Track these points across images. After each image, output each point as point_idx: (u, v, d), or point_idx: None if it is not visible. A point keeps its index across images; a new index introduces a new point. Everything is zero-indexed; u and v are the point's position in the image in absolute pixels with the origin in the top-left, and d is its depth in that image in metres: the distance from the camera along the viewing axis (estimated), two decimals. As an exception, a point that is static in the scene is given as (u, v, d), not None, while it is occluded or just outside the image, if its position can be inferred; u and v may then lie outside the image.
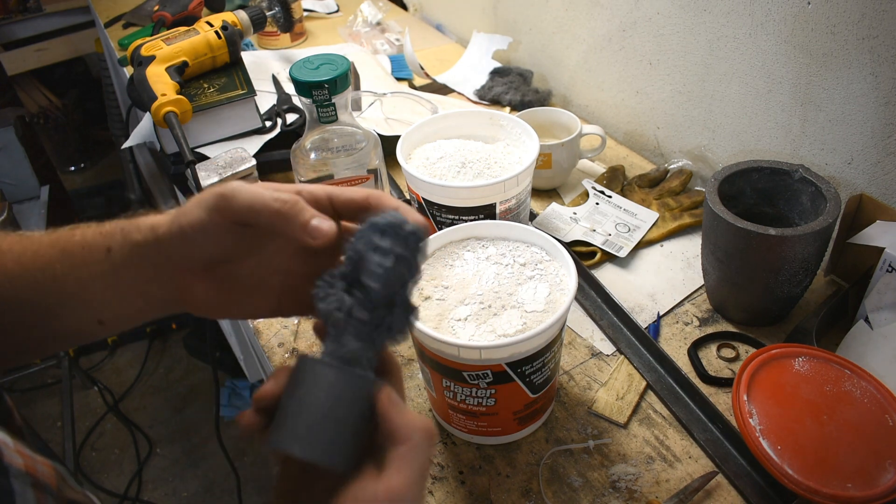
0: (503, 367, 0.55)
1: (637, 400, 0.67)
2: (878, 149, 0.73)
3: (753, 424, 0.57)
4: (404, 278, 0.37)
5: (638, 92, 1.04)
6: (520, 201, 0.75)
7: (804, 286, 0.70)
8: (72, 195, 2.56)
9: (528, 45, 1.26)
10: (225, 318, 0.49)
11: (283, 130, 1.00)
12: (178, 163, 0.95)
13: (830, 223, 0.64)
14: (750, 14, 0.81)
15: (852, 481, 0.52)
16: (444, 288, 0.60)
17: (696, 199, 0.90)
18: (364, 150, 0.76)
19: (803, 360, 0.61)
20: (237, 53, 1.06)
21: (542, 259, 0.62)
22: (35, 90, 2.61)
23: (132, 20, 1.51)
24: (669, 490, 0.59)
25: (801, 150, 0.81)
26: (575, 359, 0.72)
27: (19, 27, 2.42)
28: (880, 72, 0.69)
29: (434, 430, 0.37)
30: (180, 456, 1.82)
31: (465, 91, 1.22)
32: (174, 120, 0.88)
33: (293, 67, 0.72)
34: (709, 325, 0.75)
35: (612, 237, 0.85)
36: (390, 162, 0.82)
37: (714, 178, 0.71)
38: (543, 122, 0.97)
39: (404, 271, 0.37)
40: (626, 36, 1.01)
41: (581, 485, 0.60)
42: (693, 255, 0.84)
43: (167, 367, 2.09)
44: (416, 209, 0.77)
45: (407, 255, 0.37)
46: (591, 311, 0.77)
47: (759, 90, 0.83)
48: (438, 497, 0.60)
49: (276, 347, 0.75)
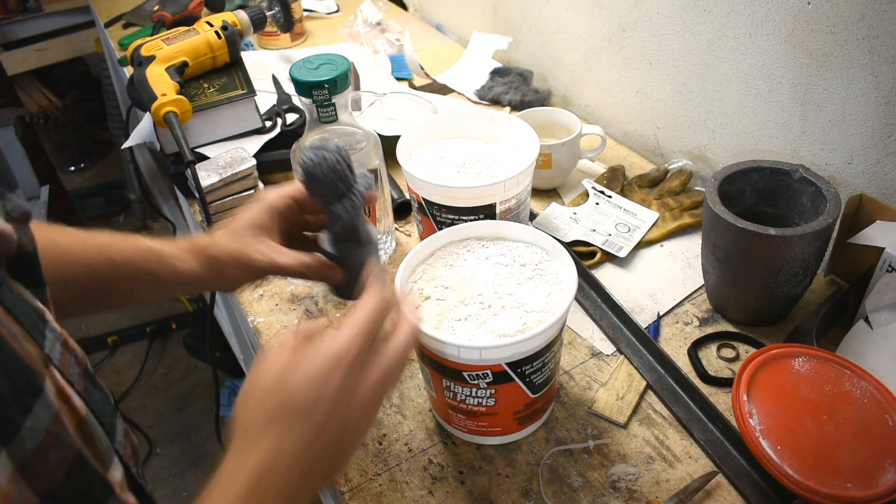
0: (503, 367, 0.55)
1: (637, 400, 0.67)
2: (878, 149, 0.73)
3: (753, 424, 0.57)
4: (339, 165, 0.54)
5: (638, 92, 1.04)
6: (520, 201, 0.75)
7: (804, 286, 0.70)
8: (72, 195, 2.56)
9: (528, 45, 1.26)
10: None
11: (283, 130, 1.00)
12: (178, 163, 0.95)
13: (830, 223, 0.64)
14: (750, 14, 0.81)
15: (852, 481, 0.52)
16: (444, 288, 0.60)
17: (696, 199, 0.90)
18: (364, 150, 0.76)
19: (803, 360, 0.61)
20: (237, 53, 1.06)
21: (542, 259, 0.62)
22: (35, 90, 2.61)
23: (132, 20, 1.51)
24: (669, 490, 0.59)
25: (801, 150, 0.81)
26: (575, 359, 0.72)
27: (19, 27, 2.42)
28: (880, 72, 0.69)
29: (385, 300, 0.46)
30: (180, 456, 1.82)
31: (465, 91, 1.22)
32: (174, 120, 0.88)
33: (293, 67, 0.72)
34: (709, 325, 0.75)
35: (612, 237, 0.85)
36: (390, 162, 0.82)
37: (714, 178, 0.71)
38: (543, 122, 0.97)
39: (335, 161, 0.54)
40: (626, 36, 1.01)
41: (581, 485, 0.60)
42: (693, 255, 0.84)
43: (167, 367, 2.09)
44: (416, 209, 0.77)
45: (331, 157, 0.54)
46: (591, 311, 0.77)
47: (759, 90, 0.83)
48: (438, 497, 0.60)
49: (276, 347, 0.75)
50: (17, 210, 0.38)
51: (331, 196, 0.55)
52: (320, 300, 0.81)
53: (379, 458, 0.63)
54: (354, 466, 0.62)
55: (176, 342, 2.15)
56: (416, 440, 0.65)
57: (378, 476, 0.62)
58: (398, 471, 0.62)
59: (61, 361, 0.39)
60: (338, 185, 0.54)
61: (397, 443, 0.64)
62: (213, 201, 0.87)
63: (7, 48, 2.41)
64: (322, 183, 0.53)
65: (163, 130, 0.94)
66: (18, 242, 0.38)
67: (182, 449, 1.84)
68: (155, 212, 1.61)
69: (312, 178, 0.53)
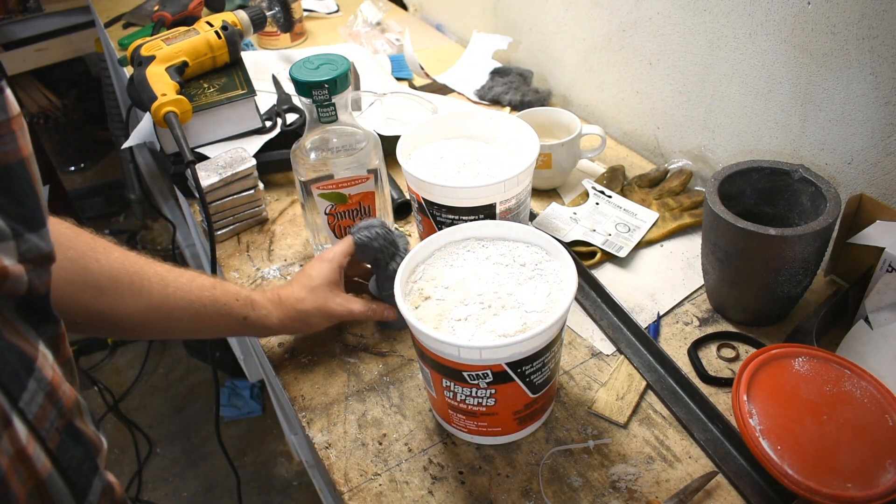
0: (503, 367, 0.55)
1: (637, 400, 0.67)
2: (878, 149, 0.73)
3: (753, 424, 0.57)
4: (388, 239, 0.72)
5: (638, 92, 1.04)
6: (520, 201, 0.75)
7: (804, 286, 0.70)
8: (72, 195, 2.56)
9: (528, 45, 1.26)
10: None
11: (283, 130, 1.00)
12: (178, 163, 0.95)
13: (830, 223, 0.64)
14: (750, 14, 0.81)
15: (852, 481, 0.52)
16: (444, 288, 0.60)
17: (696, 199, 0.90)
18: (364, 150, 0.76)
19: (803, 360, 0.61)
20: (237, 53, 1.06)
21: (542, 259, 0.62)
22: (35, 90, 2.61)
23: (132, 20, 1.51)
24: (669, 490, 0.59)
25: (801, 150, 0.81)
26: (575, 359, 0.72)
27: (19, 27, 2.41)
28: (880, 72, 0.69)
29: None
30: (180, 456, 1.82)
31: (465, 91, 1.22)
32: (174, 120, 0.88)
33: (293, 67, 0.72)
34: (709, 325, 0.75)
35: (612, 237, 0.85)
36: (390, 162, 0.82)
37: (714, 178, 0.71)
38: (543, 122, 0.97)
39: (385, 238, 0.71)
40: (626, 36, 1.01)
41: (581, 485, 0.60)
42: (693, 255, 0.84)
43: (167, 367, 2.09)
44: (416, 209, 0.77)
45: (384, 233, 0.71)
46: (591, 311, 0.77)
47: (759, 90, 0.83)
48: (438, 497, 0.60)
49: (276, 347, 0.75)
50: (33, 252, 0.37)
51: (383, 259, 0.71)
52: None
53: (379, 458, 0.63)
54: (354, 466, 0.62)
55: (176, 342, 2.15)
56: (416, 440, 0.65)
57: (378, 476, 0.62)
58: (398, 471, 0.62)
59: (37, 416, 0.38)
60: (389, 248, 0.70)
61: (397, 443, 0.64)
62: (213, 201, 0.87)
63: (7, 48, 2.41)
64: (377, 250, 0.70)
65: (163, 130, 0.94)
66: (30, 284, 0.37)
67: (182, 449, 1.84)
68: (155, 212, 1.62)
69: (370, 249, 0.70)
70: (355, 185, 0.77)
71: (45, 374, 0.39)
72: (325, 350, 0.75)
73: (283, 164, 0.98)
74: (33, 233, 0.37)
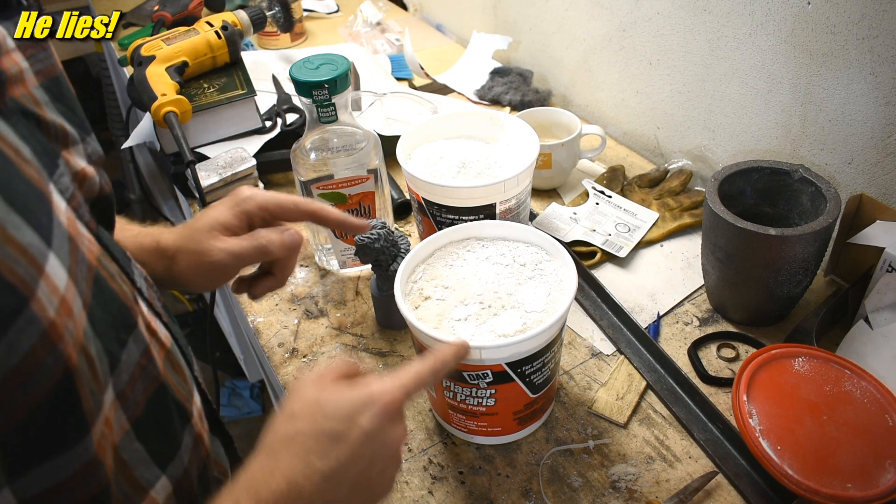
0: (503, 367, 0.55)
1: (637, 400, 0.67)
2: (878, 149, 0.73)
3: (753, 424, 0.57)
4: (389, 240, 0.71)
5: (638, 92, 1.04)
6: (520, 201, 0.75)
7: (804, 286, 0.70)
8: (72, 195, 2.56)
9: (528, 45, 1.26)
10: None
11: (283, 130, 1.00)
12: (178, 163, 0.95)
13: (830, 223, 0.64)
14: (750, 14, 0.81)
15: (852, 481, 0.52)
16: (444, 288, 0.60)
17: (696, 199, 0.90)
18: (364, 150, 0.76)
19: (803, 360, 0.61)
20: (237, 53, 1.06)
21: (542, 259, 0.62)
22: (35, 90, 2.61)
23: (132, 20, 1.51)
24: (669, 490, 0.59)
25: (801, 150, 0.81)
26: (575, 359, 0.72)
27: (19, 27, 2.41)
28: (880, 72, 0.69)
29: (442, 363, 0.46)
30: (180, 456, 1.82)
31: (465, 91, 1.22)
32: (174, 120, 0.88)
33: (293, 67, 0.72)
34: (709, 325, 0.75)
35: (612, 237, 0.85)
36: (390, 162, 0.82)
37: (714, 178, 0.71)
38: (543, 122, 0.97)
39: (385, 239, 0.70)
40: (626, 36, 1.01)
41: (581, 485, 0.60)
42: (693, 255, 0.84)
43: (167, 367, 2.09)
44: (416, 209, 0.77)
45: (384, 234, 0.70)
46: (591, 311, 0.77)
47: (759, 90, 0.83)
48: (438, 497, 0.60)
49: (276, 347, 0.75)
50: (95, 153, 0.41)
51: (384, 260, 0.70)
52: (320, 300, 0.81)
53: (379, 458, 0.63)
54: (354, 466, 0.62)
55: (176, 342, 2.14)
56: (416, 440, 0.65)
57: (378, 476, 0.61)
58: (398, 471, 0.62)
59: (149, 294, 0.42)
60: (391, 249, 0.71)
61: (397, 443, 0.64)
62: (213, 201, 0.87)
63: (7, 48, 2.41)
64: (379, 251, 0.69)
65: (163, 130, 0.94)
66: (100, 185, 0.41)
67: (182, 449, 1.84)
68: (155, 212, 1.61)
69: (371, 250, 0.69)
70: (355, 185, 0.77)
71: (136, 262, 0.44)
72: (325, 350, 0.75)
73: (283, 164, 0.98)
74: (88, 135, 0.41)
